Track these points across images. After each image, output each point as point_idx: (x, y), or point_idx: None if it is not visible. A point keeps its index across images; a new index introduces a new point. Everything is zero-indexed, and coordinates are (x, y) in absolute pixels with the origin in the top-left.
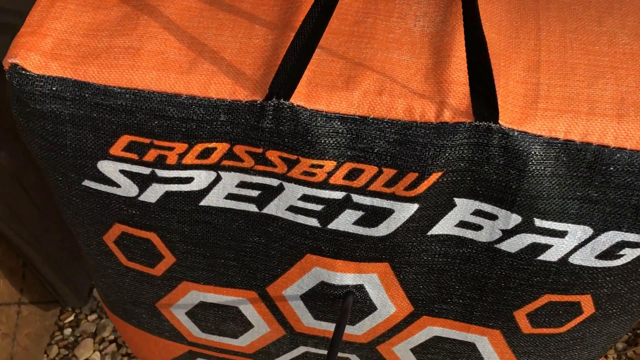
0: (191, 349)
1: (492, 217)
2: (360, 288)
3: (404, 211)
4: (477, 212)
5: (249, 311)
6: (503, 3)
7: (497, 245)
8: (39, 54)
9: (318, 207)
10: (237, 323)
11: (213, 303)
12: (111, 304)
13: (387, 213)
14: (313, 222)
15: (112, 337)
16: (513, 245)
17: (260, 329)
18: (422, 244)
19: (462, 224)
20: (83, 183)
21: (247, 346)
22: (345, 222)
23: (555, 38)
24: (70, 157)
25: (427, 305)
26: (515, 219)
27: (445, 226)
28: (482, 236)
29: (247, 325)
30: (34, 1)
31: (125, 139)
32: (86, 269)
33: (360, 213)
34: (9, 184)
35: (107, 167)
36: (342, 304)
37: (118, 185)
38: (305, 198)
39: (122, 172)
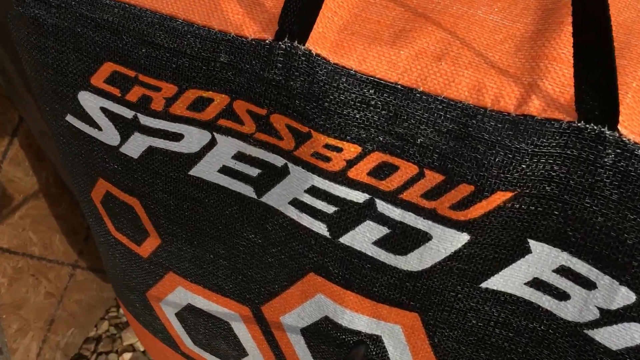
0: None
1: (588, 284)
2: (376, 341)
3: (448, 241)
4: (564, 271)
5: (242, 333)
6: None
7: (589, 332)
8: None
9: (329, 209)
10: (229, 344)
11: (202, 310)
12: (112, 283)
13: (422, 238)
14: (321, 228)
15: None
16: (616, 337)
17: (256, 359)
18: (470, 299)
19: (538, 284)
20: (66, 118)
21: None
22: (363, 238)
23: None
24: (52, 82)
25: None
26: (625, 296)
27: (510, 281)
28: (567, 310)
29: (240, 351)
30: None
31: (108, 67)
32: None
33: (384, 230)
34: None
35: (88, 101)
36: (346, 356)
37: (99, 128)
38: (314, 191)
39: (104, 110)
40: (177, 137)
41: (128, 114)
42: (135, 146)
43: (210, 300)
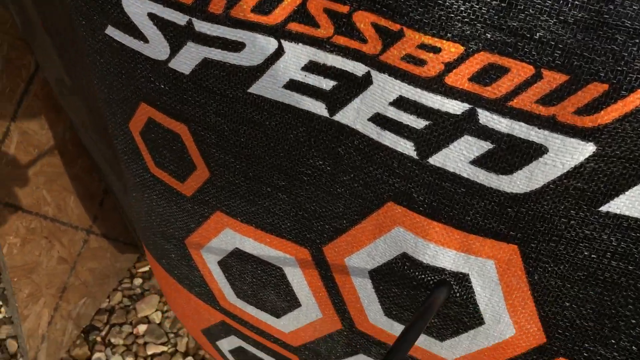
0: (224, 318)
1: None
2: (462, 280)
3: (567, 154)
4: None
5: (297, 280)
6: None
7: None
8: None
9: (419, 124)
10: (279, 294)
11: (252, 255)
12: (143, 233)
13: (535, 152)
14: (407, 147)
15: None
16: None
17: (310, 312)
18: (585, 227)
19: None
20: (106, 31)
21: (291, 334)
22: (458, 156)
23: None
24: None
25: (572, 340)
26: None
27: (638, 203)
28: None
29: (292, 301)
30: None
31: None
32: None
33: (486, 145)
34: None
35: (134, 6)
36: (427, 299)
37: (146, 40)
38: (401, 103)
39: (152, 17)
40: (237, 46)
41: (181, 19)
42: (187, 59)
43: (262, 243)
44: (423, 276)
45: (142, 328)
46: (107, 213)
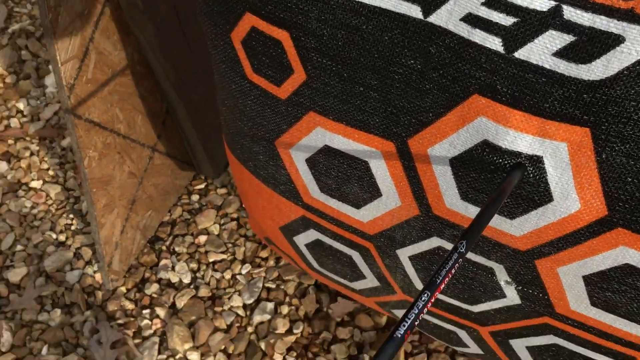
0: (305, 213)
1: None
2: (536, 162)
3: None
4: None
5: (381, 171)
6: None
7: None
8: None
9: (507, 21)
10: (362, 186)
11: (339, 151)
12: (231, 138)
13: (612, 42)
14: (495, 43)
15: (235, 215)
16: None
17: (390, 200)
18: None
19: None
20: None
21: (369, 223)
22: (542, 49)
23: None
24: None
25: (631, 212)
26: None
27: None
28: None
29: (374, 192)
30: None
31: None
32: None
33: (569, 38)
34: (164, 8)
35: None
36: (503, 180)
37: None
38: (492, 2)
39: None
40: None
41: None
42: None
43: (351, 139)
44: (501, 160)
45: (202, 238)
46: (169, 132)
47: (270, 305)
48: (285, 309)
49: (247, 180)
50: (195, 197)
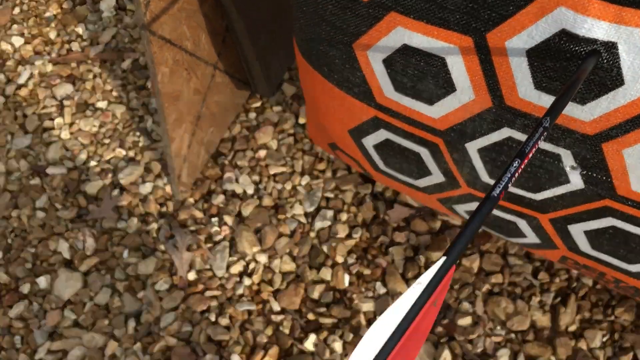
0: (377, 114)
1: None
2: (611, 48)
3: None
4: None
5: (457, 66)
6: None
7: None
8: None
9: None
10: (437, 82)
11: (418, 49)
12: (306, 45)
13: None
14: None
15: (291, 131)
16: None
17: (463, 95)
18: None
19: None
20: None
21: (441, 119)
22: None
23: None
24: None
25: None
26: None
27: None
28: None
29: (448, 87)
30: None
31: None
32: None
33: None
34: None
35: None
36: (579, 67)
37: None
38: None
39: None
40: None
41: None
42: None
43: (430, 36)
44: (577, 48)
45: (262, 153)
46: (228, 51)
47: (330, 213)
48: (344, 216)
49: (319, 85)
50: (252, 115)
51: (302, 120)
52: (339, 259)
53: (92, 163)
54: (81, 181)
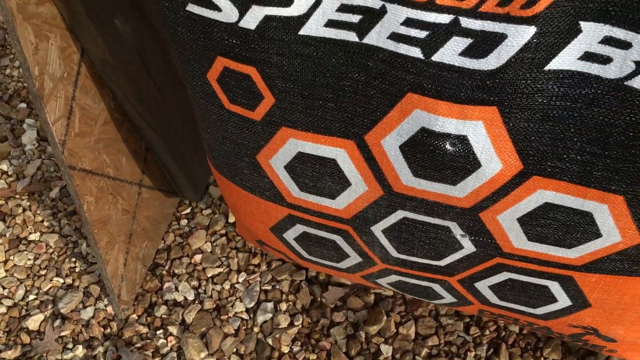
0: (290, 212)
1: (625, 45)
2: (463, 139)
3: (519, 36)
4: (607, 40)
5: (347, 165)
6: None
7: (628, 83)
8: None
9: (422, 34)
10: (334, 180)
11: (311, 155)
12: (217, 160)
13: (498, 39)
14: (416, 52)
15: (223, 231)
16: None
17: (358, 187)
18: (537, 82)
19: (588, 57)
20: (187, 8)
21: (345, 209)
22: (451, 52)
23: None
24: None
25: (539, 162)
26: None
27: (566, 59)
28: (610, 71)
29: (344, 183)
30: None
31: None
32: (202, 160)
33: (468, 41)
34: (133, 61)
35: None
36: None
37: (219, 9)
38: (408, 22)
39: None
40: (288, 2)
41: None
42: (253, 18)
43: (318, 143)
44: (437, 142)
45: (198, 257)
46: (151, 168)
47: (270, 305)
48: (284, 306)
49: (235, 193)
50: (184, 222)
51: (232, 219)
52: (285, 349)
53: (31, 297)
54: (22, 317)
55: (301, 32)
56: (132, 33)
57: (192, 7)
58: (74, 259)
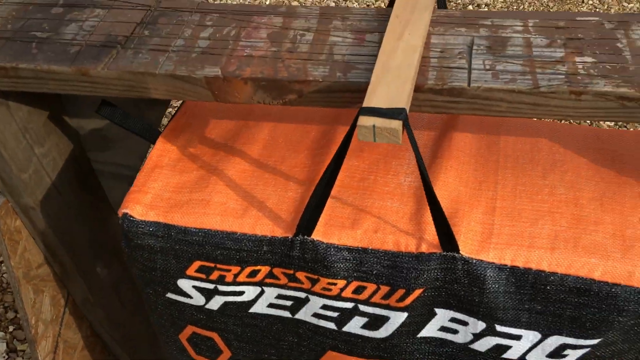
0: None
1: (464, 323)
2: None
3: (398, 318)
4: (453, 320)
5: None
6: (472, 163)
7: (471, 346)
8: (141, 205)
9: (334, 314)
10: None
11: None
12: None
13: (385, 319)
14: (331, 325)
15: None
16: (482, 345)
17: None
18: (414, 344)
19: (443, 329)
20: (166, 295)
21: None
22: (355, 325)
23: (508, 189)
24: (159, 277)
25: None
26: (481, 325)
27: (430, 330)
28: (459, 338)
29: None
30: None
31: (197, 264)
32: None
33: (365, 319)
34: (107, 293)
35: (184, 284)
36: None
37: (191, 297)
38: (325, 307)
39: (194, 287)
40: (241, 293)
41: (210, 286)
42: (216, 303)
43: None
44: None
45: None
46: None
47: None
48: None
49: None
50: None
51: None
52: None
53: None
54: None
55: (250, 311)
56: (108, 273)
57: (170, 295)
58: None
